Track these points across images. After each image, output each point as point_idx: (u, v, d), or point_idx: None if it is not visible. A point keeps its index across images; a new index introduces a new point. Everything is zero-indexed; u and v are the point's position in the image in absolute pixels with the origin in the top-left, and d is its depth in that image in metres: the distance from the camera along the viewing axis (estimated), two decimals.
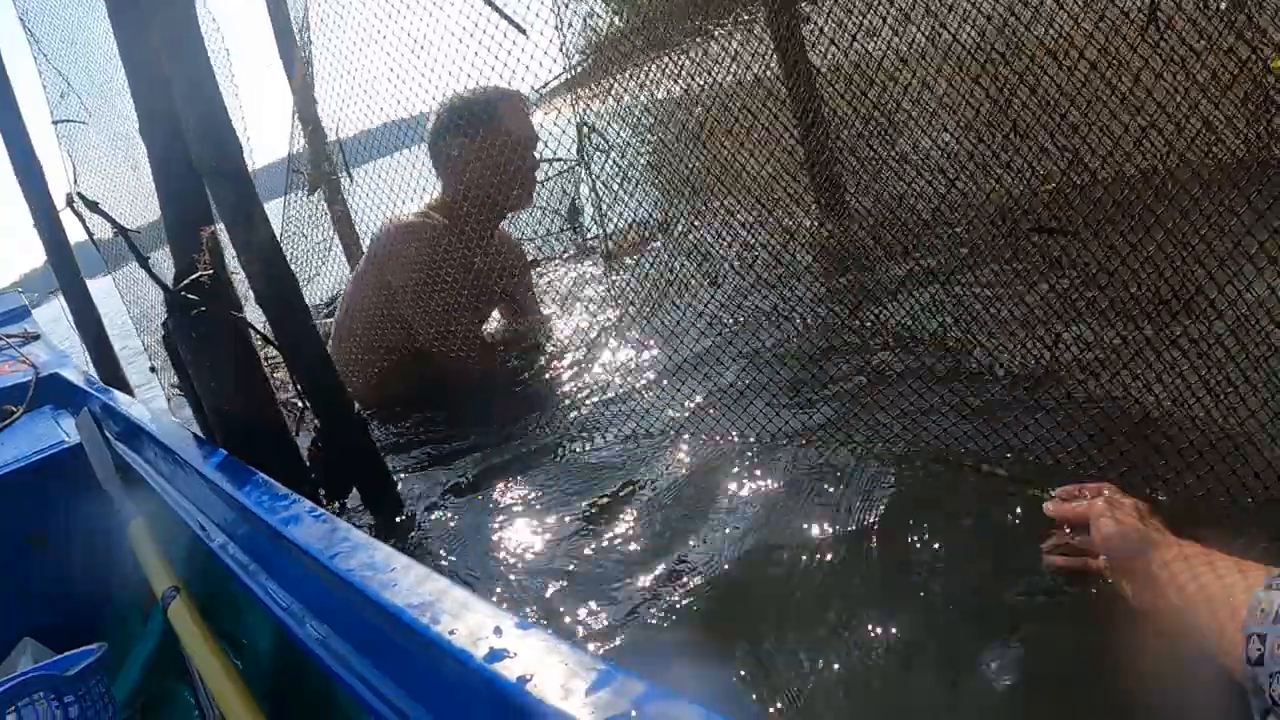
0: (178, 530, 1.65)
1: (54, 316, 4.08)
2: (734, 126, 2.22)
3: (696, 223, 2.25)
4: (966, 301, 1.59)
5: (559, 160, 3.60)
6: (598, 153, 2.31)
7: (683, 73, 2.33)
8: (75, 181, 3.37)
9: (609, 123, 2.37)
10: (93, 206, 1.54)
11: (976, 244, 1.46)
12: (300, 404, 1.58)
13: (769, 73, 2.37)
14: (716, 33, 2.43)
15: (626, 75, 2.38)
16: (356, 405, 1.62)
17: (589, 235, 3.73)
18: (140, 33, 1.51)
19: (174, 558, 1.58)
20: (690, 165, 2.27)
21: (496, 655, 0.56)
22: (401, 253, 2.21)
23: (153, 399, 3.82)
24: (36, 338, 3.43)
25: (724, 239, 2.24)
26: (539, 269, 3.45)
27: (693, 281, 2.14)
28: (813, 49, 2.35)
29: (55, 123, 3.33)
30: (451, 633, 0.60)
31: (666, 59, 2.38)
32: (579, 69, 2.37)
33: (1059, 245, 1.24)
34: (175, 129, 1.51)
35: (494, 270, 2.33)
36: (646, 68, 2.37)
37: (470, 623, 0.62)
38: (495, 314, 2.83)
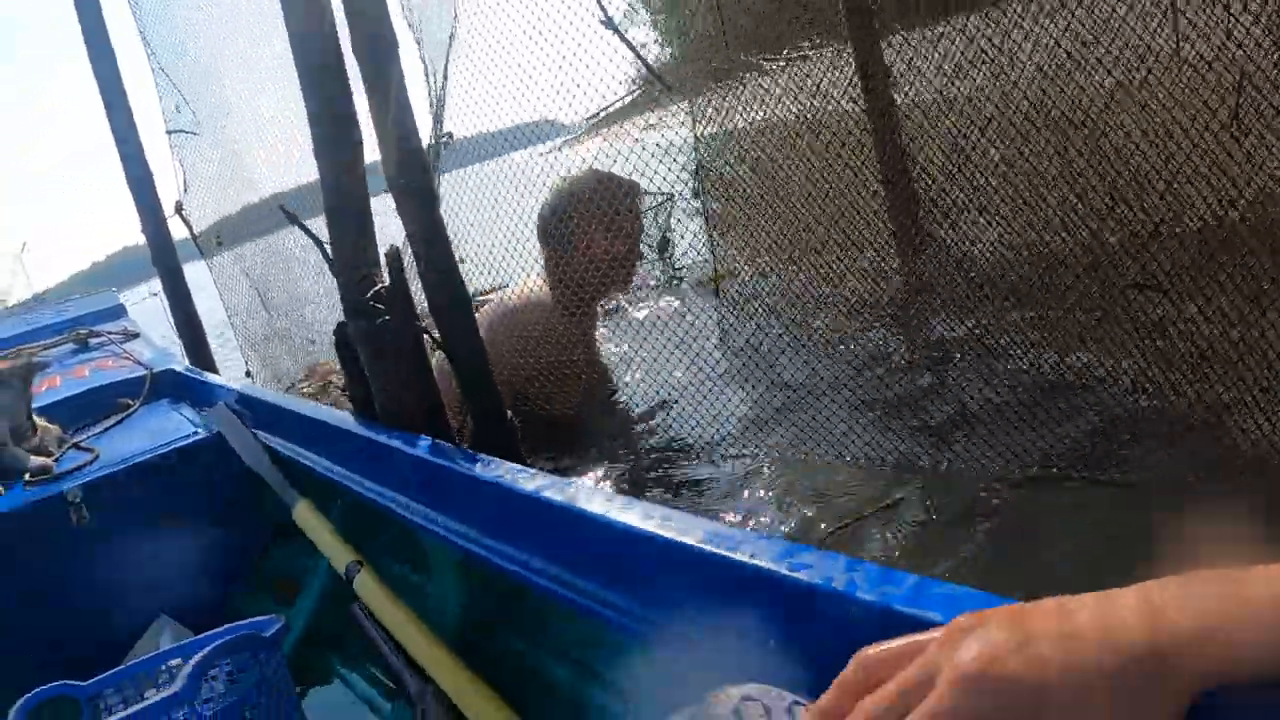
0: (349, 505, 1.86)
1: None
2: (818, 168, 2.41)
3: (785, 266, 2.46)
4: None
5: (650, 194, 3.75)
6: (700, 195, 2.50)
7: (762, 102, 2.50)
8: (185, 190, 3.61)
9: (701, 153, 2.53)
10: (292, 219, 1.76)
11: (1071, 299, 1.66)
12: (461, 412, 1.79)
13: (851, 104, 2.52)
14: (775, 63, 2.59)
15: (706, 101, 2.53)
16: (510, 414, 1.84)
17: (678, 268, 3.90)
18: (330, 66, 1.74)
19: (347, 532, 1.78)
20: (779, 208, 2.48)
21: (797, 565, 0.78)
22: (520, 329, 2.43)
23: None
24: (136, 335, 3.63)
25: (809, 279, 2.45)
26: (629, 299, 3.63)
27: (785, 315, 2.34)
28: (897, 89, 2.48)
29: (170, 133, 3.57)
30: (753, 555, 0.82)
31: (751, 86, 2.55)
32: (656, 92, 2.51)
33: (1154, 300, 1.44)
34: (345, 155, 1.73)
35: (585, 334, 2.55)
36: (731, 94, 2.54)
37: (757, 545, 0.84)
38: None
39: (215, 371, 3.67)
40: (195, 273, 3.79)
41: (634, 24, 2.50)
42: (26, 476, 2.16)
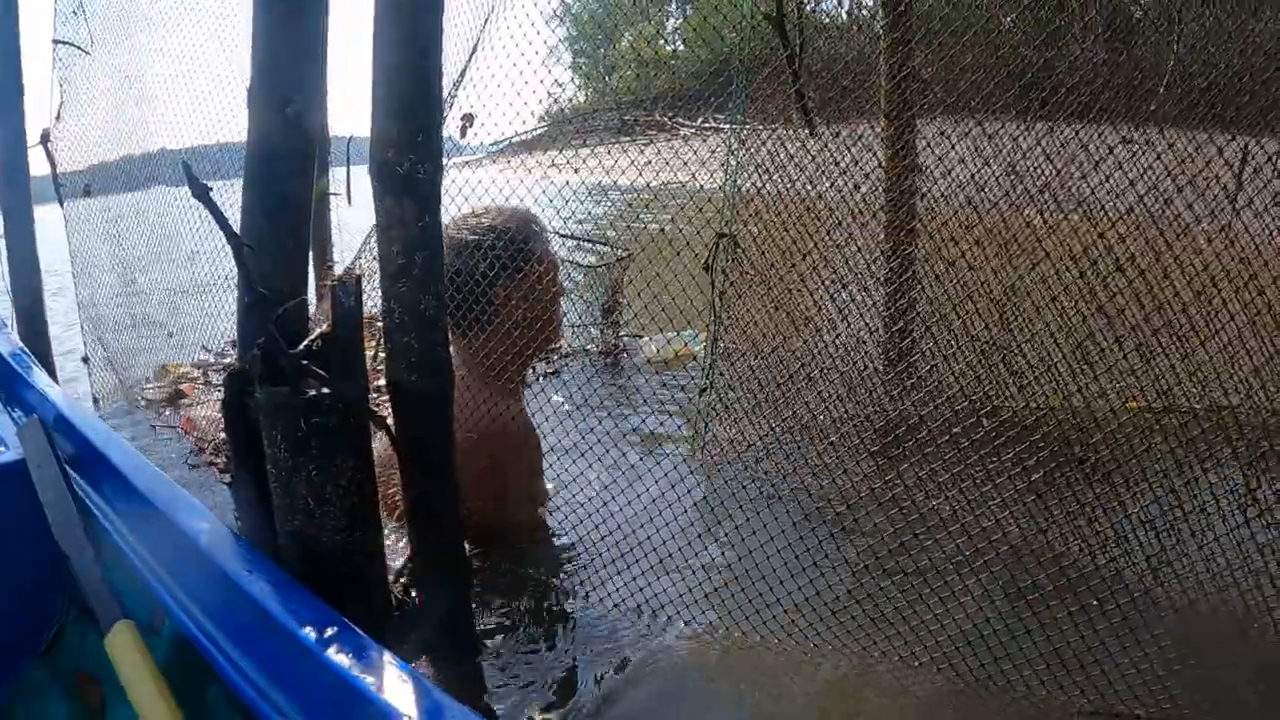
0: (181, 644, 1.20)
1: None
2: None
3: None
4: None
5: (605, 247, 3.28)
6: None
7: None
8: (58, 118, 2.87)
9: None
10: (196, 186, 1.09)
11: None
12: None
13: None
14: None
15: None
16: (473, 562, 1.19)
17: (621, 334, 3.41)
18: None
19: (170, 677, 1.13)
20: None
21: None
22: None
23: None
24: None
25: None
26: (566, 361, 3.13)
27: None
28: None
29: (56, 43, 2.82)
30: None
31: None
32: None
33: None
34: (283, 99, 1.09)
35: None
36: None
37: None
38: None
39: (49, 354, 2.88)
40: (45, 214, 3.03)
41: (557, 63, 2.42)
42: None
